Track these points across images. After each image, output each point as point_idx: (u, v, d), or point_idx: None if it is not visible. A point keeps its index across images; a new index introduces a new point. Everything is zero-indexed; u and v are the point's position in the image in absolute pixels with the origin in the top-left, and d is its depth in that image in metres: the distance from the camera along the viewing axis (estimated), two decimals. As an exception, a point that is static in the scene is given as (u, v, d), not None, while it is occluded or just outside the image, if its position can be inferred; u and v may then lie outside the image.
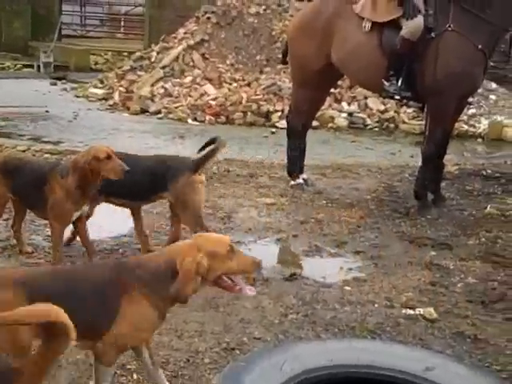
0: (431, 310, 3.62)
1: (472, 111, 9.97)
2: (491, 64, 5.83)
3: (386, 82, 5.57)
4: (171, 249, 2.50)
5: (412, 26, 5.35)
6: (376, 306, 3.72)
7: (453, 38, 5.34)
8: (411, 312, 3.64)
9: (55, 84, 13.40)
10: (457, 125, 7.18)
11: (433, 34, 5.37)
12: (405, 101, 6.48)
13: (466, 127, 9.60)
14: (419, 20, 5.35)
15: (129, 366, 2.93)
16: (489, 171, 7.17)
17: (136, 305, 2.34)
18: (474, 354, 3.22)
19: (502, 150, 8.74)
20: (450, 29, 5.34)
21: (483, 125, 9.66)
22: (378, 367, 2.36)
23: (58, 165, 3.96)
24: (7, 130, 8.51)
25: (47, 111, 9.95)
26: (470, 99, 8.66)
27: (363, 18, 5.67)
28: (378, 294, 3.89)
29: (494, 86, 10.62)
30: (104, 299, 2.34)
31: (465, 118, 9.61)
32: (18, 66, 16.26)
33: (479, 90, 8.44)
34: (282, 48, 6.90)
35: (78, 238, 4.24)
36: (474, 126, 9.69)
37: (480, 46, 5.32)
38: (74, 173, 3.77)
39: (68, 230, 4.19)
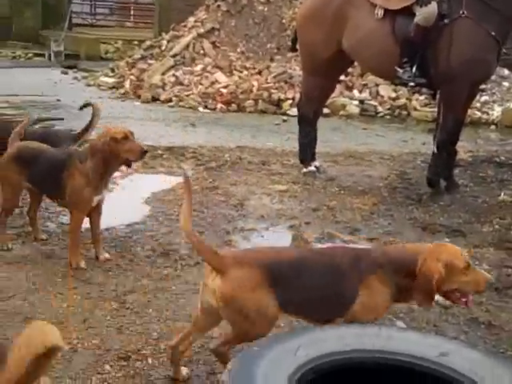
0: (445, 296, 3.61)
1: (485, 98, 9.91)
2: (504, 51, 5.78)
3: (399, 69, 5.54)
4: (415, 247, 2.63)
5: (426, 13, 5.32)
6: (389, 292, 3.71)
7: (466, 24, 5.31)
8: (425, 298, 3.63)
9: (66, 73, 13.44)
10: (470, 112, 7.14)
11: (446, 21, 5.34)
12: (417, 88, 6.45)
13: (479, 114, 9.54)
14: (433, 6, 5.32)
15: (144, 351, 2.96)
16: (502, 158, 7.14)
17: (374, 287, 2.50)
18: (488, 340, 3.22)
19: (515, 137, 8.69)
20: (463, 15, 5.31)
21: (496, 112, 9.59)
22: (392, 352, 2.36)
23: (75, 151, 3.93)
24: (19, 118, 8.53)
25: (58, 100, 9.96)
26: (483, 86, 8.61)
27: (375, 5, 5.65)
28: (391, 280, 3.88)
29: (506, 72, 10.54)
30: (345, 280, 2.51)
31: (478, 105, 9.56)
32: (29, 55, 16.33)
33: (492, 77, 8.37)
34: (291, 35, 6.87)
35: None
36: (487, 113, 9.63)
37: (493, 33, 5.30)
38: (92, 157, 3.72)
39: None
